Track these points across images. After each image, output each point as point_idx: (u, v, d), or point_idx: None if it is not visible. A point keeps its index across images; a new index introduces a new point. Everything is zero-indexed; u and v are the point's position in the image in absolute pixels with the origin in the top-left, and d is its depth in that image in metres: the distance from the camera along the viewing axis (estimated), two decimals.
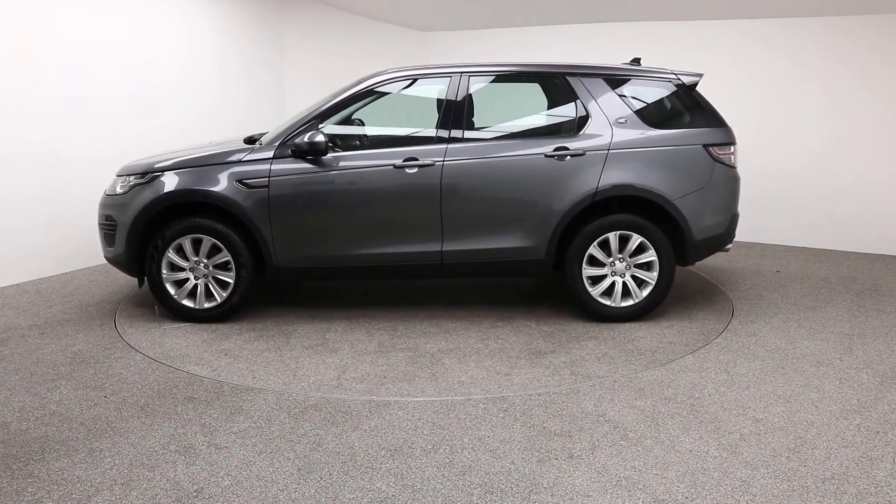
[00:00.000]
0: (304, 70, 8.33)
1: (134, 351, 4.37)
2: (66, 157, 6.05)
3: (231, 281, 4.85)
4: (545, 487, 2.85)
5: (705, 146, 4.81)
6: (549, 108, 5.28)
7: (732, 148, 4.93)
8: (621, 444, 3.20)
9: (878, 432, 3.32)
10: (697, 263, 5.93)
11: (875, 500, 2.77)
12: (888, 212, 7.07)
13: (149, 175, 4.85)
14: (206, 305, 4.89)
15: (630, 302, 4.87)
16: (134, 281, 5.83)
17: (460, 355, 4.32)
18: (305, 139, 4.69)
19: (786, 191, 7.50)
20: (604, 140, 4.78)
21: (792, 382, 3.91)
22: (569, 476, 2.94)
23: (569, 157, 4.76)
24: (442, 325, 4.89)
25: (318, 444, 3.20)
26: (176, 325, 4.88)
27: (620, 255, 4.83)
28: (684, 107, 4.95)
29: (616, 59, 5.65)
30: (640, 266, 4.85)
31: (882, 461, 3.06)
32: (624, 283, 4.87)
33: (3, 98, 5.55)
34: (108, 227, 4.97)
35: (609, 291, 4.87)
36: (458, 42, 9.36)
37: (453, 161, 4.76)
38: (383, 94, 5.01)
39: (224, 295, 4.87)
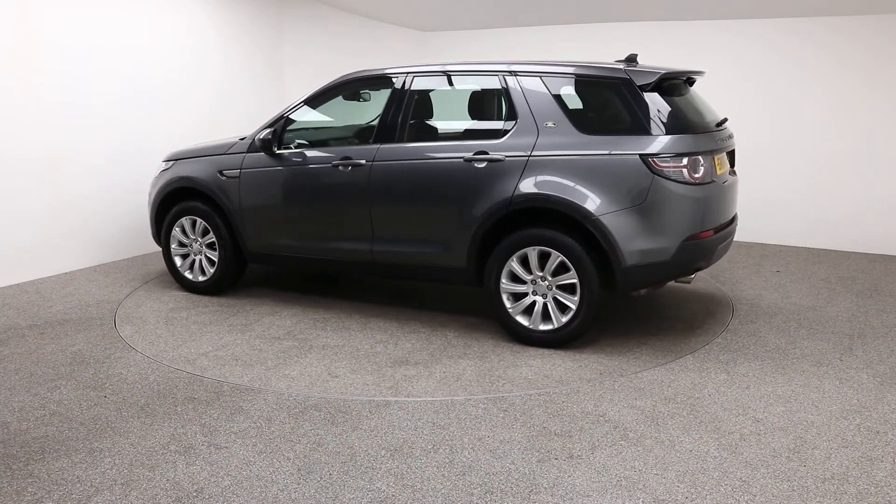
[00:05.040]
0: (305, 70, 8.32)
1: (134, 351, 4.37)
2: (66, 158, 6.05)
3: (216, 259, 5.44)
4: (545, 487, 2.86)
5: (643, 156, 4.10)
6: (484, 109, 4.89)
7: (686, 160, 4.10)
8: (621, 444, 3.20)
9: (878, 432, 3.33)
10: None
11: (875, 500, 2.77)
12: (888, 212, 7.07)
13: (169, 162, 5.63)
14: (200, 279, 5.54)
15: (550, 326, 4.36)
16: (133, 281, 5.94)
17: (331, 352, 4.36)
18: (260, 136, 5.13)
19: (786, 191, 7.50)
20: (526, 145, 4.35)
21: (792, 382, 3.91)
22: (569, 476, 2.94)
23: (486, 163, 4.42)
24: (371, 323, 4.91)
25: (318, 444, 3.20)
26: (181, 292, 5.62)
27: (542, 274, 4.35)
28: (628, 109, 4.25)
29: (614, 58, 5.61)
30: (563, 288, 4.32)
31: (882, 461, 3.06)
32: (546, 305, 4.38)
33: (4, 99, 5.55)
34: (149, 206, 5.77)
35: (531, 311, 4.42)
36: (458, 42, 9.36)
37: (382, 162, 4.76)
38: (346, 93, 5.22)
39: (211, 271, 5.47)
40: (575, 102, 4.48)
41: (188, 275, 5.57)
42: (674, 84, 4.56)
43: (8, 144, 5.61)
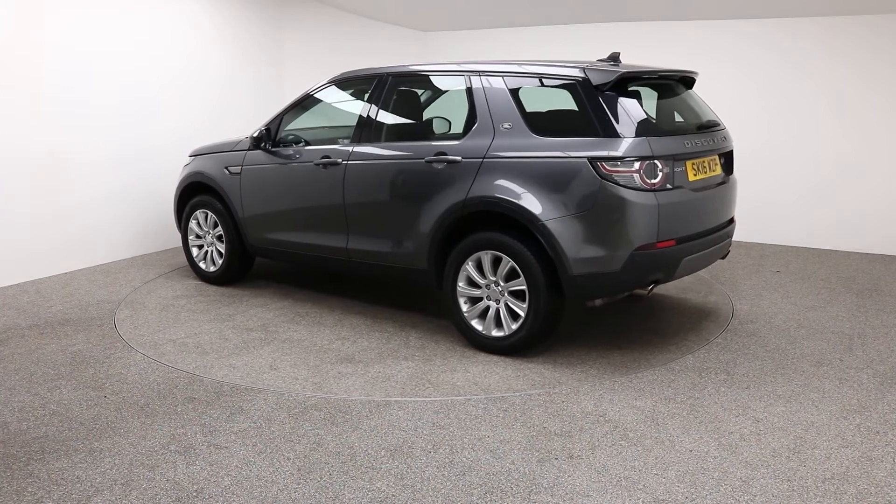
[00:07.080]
0: (305, 70, 8.31)
1: (134, 351, 4.37)
2: (66, 158, 6.05)
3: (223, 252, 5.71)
4: (545, 487, 2.86)
5: (591, 160, 3.88)
6: (452, 110, 4.88)
7: (639, 164, 3.83)
8: (621, 444, 3.20)
9: (878, 432, 3.33)
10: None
11: (875, 500, 2.77)
12: (888, 212, 7.07)
13: (192, 157, 5.93)
14: (211, 269, 5.83)
15: (501, 333, 4.24)
16: (133, 281, 5.95)
17: (287, 346, 4.45)
18: (254, 134, 5.33)
19: (786, 191, 7.50)
20: (482, 147, 4.25)
21: (792, 382, 3.91)
22: (569, 476, 2.94)
23: (444, 164, 4.37)
24: (345, 319, 4.96)
25: (318, 444, 3.20)
26: (195, 281, 5.92)
27: (495, 279, 4.24)
28: (582, 110, 4.05)
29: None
30: (515, 295, 4.19)
31: (882, 461, 3.06)
32: (498, 311, 4.27)
33: (4, 99, 5.54)
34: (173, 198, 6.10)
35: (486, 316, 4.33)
36: (458, 42, 9.36)
37: (355, 162, 4.81)
38: (334, 94, 5.31)
39: (219, 263, 5.75)
40: (532, 103, 4.32)
41: (202, 265, 5.89)
42: (664, 84, 4.47)
43: (8, 145, 5.61)
